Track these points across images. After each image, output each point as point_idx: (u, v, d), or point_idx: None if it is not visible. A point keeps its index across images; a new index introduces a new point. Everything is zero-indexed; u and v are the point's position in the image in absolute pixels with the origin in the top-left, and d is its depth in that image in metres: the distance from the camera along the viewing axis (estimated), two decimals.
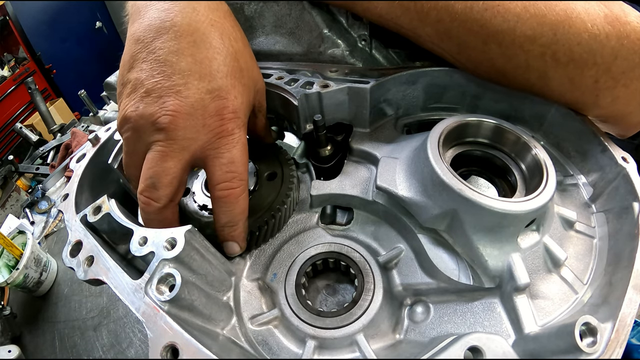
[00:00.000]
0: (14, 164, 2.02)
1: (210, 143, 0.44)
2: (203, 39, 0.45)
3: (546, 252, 0.44)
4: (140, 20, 0.46)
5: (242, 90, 0.47)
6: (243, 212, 0.47)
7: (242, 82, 0.47)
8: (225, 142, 0.45)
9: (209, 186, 0.46)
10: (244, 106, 0.47)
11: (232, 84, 0.46)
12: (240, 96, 0.46)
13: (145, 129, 0.43)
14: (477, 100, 0.58)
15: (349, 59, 0.68)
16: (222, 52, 0.46)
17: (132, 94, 0.43)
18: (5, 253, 1.23)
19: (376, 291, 0.46)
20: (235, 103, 0.45)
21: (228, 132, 0.45)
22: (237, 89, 0.46)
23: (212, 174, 0.45)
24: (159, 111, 0.42)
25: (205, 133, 0.43)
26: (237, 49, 0.48)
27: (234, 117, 0.45)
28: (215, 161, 0.45)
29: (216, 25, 0.47)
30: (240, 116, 0.46)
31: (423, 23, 0.51)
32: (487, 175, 0.52)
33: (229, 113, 0.45)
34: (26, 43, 3.61)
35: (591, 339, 0.33)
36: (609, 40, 0.46)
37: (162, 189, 0.43)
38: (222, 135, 0.44)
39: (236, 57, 0.47)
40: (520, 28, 0.46)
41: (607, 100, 0.51)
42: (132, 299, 0.38)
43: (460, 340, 0.33)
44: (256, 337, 0.45)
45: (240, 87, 0.47)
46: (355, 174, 0.55)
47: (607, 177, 0.49)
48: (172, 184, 0.44)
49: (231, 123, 0.45)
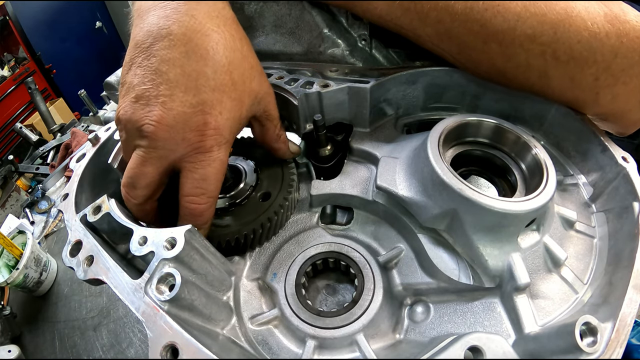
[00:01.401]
0: (14, 164, 2.02)
1: (188, 156, 0.44)
2: (195, 50, 0.44)
3: (546, 252, 0.44)
4: (142, 24, 0.46)
5: (231, 106, 0.46)
6: (205, 223, 0.48)
7: (231, 97, 0.46)
8: (202, 159, 0.45)
9: (179, 194, 0.46)
10: (230, 122, 0.46)
11: (219, 98, 0.45)
12: (227, 112, 0.46)
13: (132, 132, 0.44)
14: (477, 100, 0.58)
15: (349, 58, 0.68)
16: (213, 65, 0.45)
17: (125, 97, 0.45)
18: (5, 253, 1.23)
19: (376, 291, 0.46)
20: (219, 119, 0.45)
21: (206, 148, 0.44)
22: (224, 104, 0.45)
23: (183, 184, 0.46)
24: (144, 118, 0.42)
25: (184, 147, 0.44)
26: (232, 60, 0.47)
27: (215, 134, 0.44)
28: (188, 174, 0.45)
29: (212, 35, 0.46)
30: (223, 133, 0.45)
31: (423, 23, 0.51)
32: (487, 175, 0.52)
33: (210, 129, 0.44)
34: (26, 43, 3.61)
35: (591, 338, 0.33)
36: (609, 38, 0.47)
37: (140, 189, 0.45)
38: (200, 151, 0.44)
39: (229, 69, 0.46)
40: (520, 27, 0.46)
41: (607, 98, 0.51)
42: (132, 298, 0.38)
43: (461, 340, 0.33)
44: (256, 337, 0.45)
45: (228, 102, 0.46)
46: (355, 173, 0.55)
47: (607, 176, 0.49)
48: (149, 186, 0.45)
49: (211, 140, 0.44)
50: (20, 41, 3.61)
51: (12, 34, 3.60)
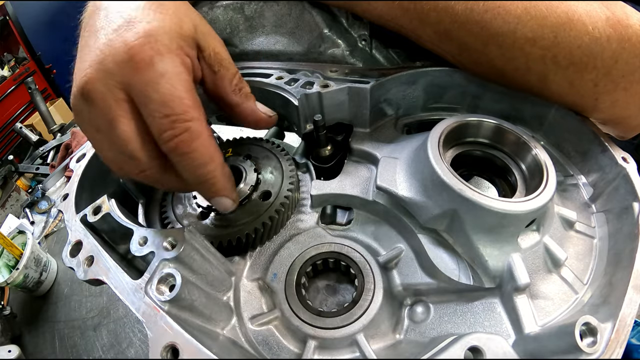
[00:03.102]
0: (14, 164, 2.03)
1: (135, 86, 0.37)
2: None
3: (546, 252, 0.44)
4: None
5: (162, 17, 0.40)
6: (210, 160, 0.40)
7: (160, 10, 0.40)
8: (148, 78, 0.36)
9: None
10: (166, 29, 0.39)
11: (143, 14, 0.39)
12: (158, 21, 0.39)
13: (78, 103, 0.40)
14: (478, 100, 0.58)
15: (349, 58, 0.68)
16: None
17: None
18: (5, 253, 1.23)
19: (376, 291, 0.46)
20: (149, 27, 0.38)
21: (145, 61, 0.36)
22: (152, 15, 0.39)
23: (149, 127, 0.38)
24: (78, 81, 0.38)
25: (123, 73, 0.37)
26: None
27: (148, 41, 0.37)
28: (145, 110, 0.37)
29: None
30: (159, 39, 0.38)
31: (423, 24, 0.50)
32: (488, 175, 0.52)
33: (140, 38, 0.37)
34: (26, 43, 3.61)
35: (591, 339, 0.33)
36: (610, 43, 0.46)
37: (135, 152, 0.39)
38: (140, 68, 0.36)
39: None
40: (520, 30, 0.46)
41: (606, 104, 0.51)
42: (132, 299, 0.38)
43: (461, 340, 0.33)
44: (256, 337, 0.45)
45: (157, 15, 0.40)
46: (355, 174, 0.55)
47: (607, 177, 0.49)
48: (138, 143, 0.39)
49: (146, 49, 0.36)
50: (20, 41, 3.60)
51: (12, 34, 3.60)
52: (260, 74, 0.65)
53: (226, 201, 0.45)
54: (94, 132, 0.40)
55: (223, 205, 0.45)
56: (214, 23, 0.70)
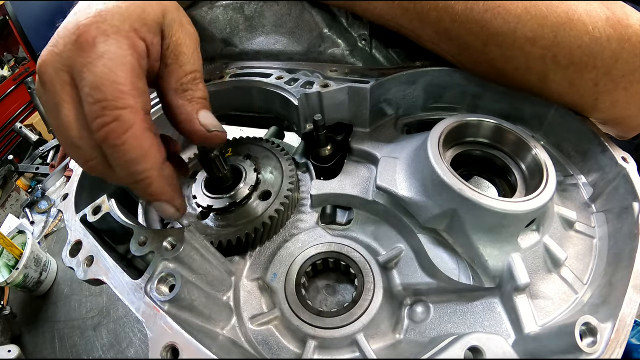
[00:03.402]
0: (14, 164, 2.03)
1: (76, 68, 0.35)
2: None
3: (546, 252, 0.44)
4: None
5: (121, 2, 0.38)
6: (143, 157, 0.35)
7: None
8: (87, 60, 0.34)
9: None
10: (116, 9, 0.37)
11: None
12: (116, 4, 0.37)
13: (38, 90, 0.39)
14: (478, 100, 0.58)
15: (349, 58, 0.68)
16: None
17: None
18: (5, 253, 1.23)
19: (376, 291, 0.46)
20: (102, 7, 0.36)
21: (88, 42, 0.34)
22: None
23: (86, 114, 0.35)
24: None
25: (66, 54, 0.35)
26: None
27: (95, 21, 0.35)
28: (82, 93, 0.35)
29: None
30: (107, 19, 0.35)
31: (423, 24, 0.50)
32: (488, 175, 0.52)
33: (89, 18, 0.35)
34: (26, 43, 3.60)
35: (591, 339, 0.33)
36: (610, 43, 0.46)
37: (78, 140, 0.37)
38: (82, 50, 0.34)
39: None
40: (521, 30, 0.46)
41: (607, 104, 0.51)
42: (132, 299, 0.38)
43: (461, 341, 0.33)
44: (256, 337, 0.45)
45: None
46: (355, 174, 0.55)
47: (607, 177, 0.49)
48: (77, 128, 0.37)
49: (92, 29, 0.34)
50: (20, 41, 3.60)
51: (12, 34, 3.60)
52: (260, 74, 0.65)
53: (166, 207, 0.40)
54: (49, 115, 0.38)
55: (163, 212, 0.40)
56: (214, 23, 0.70)
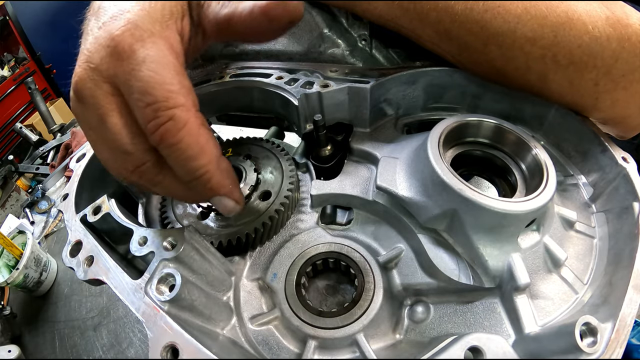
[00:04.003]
0: (14, 164, 2.03)
1: (119, 76, 0.36)
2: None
3: (546, 252, 0.44)
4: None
5: (147, 3, 0.38)
6: (201, 152, 0.36)
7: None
8: (131, 67, 0.35)
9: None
10: (151, 13, 0.38)
11: (130, 4, 0.38)
12: (141, 7, 0.38)
13: (74, 106, 0.40)
14: (478, 100, 0.58)
15: (349, 58, 0.68)
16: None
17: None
18: (5, 253, 1.23)
19: (376, 291, 0.46)
20: (130, 15, 0.37)
21: (125, 51, 0.35)
22: (138, 2, 0.38)
23: (138, 119, 0.36)
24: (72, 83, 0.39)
25: (105, 66, 0.36)
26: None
27: (127, 29, 0.36)
28: (130, 101, 0.36)
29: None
30: (139, 24, 0.36)
31: (423, 24, 0.50)
32: (488, 175, 0.52)
33: (121, 27, 0.36)
34: (26, 43, 3.61)
35: (591, 339, 0.33)
36: (610, 42, 0.46)
37: (128, 147, 0.38)
38: (122, 58, 0.35)
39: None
40: (520, 30, 0.46)
41: (607, 103, 0.51)
42: (132, 299, 0.38)
43: (461, 341, 0.33)
44: (256, 337, 0.45)
45: (143, 2, 0.38)
46: (355, 173, 0.55)
47: (607, 177, 0.49)
48: (130, 137, 0.38)
49: (126, 37, 0.35)
50: (20, 41, 3.61)
51: (12, 34, 3.61)
52: (260, 74, 0.65)
53: (227, 202, 0.41)
54: (89, 131, 0.39)
55: (224, 206, 0.41)
56: None
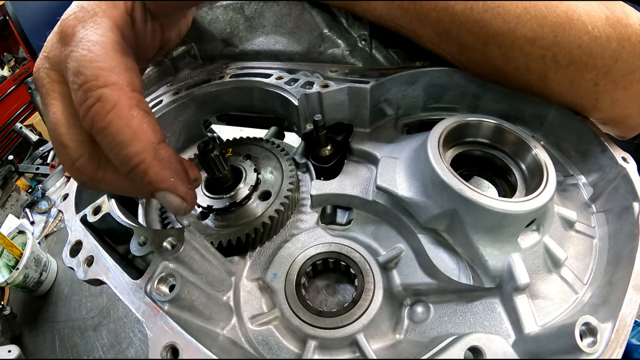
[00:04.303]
0: (14, 164, 2.03)
1: (62, 59, 0.35)
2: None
3: (546, 252, 0.44)
4: None
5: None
6: (134, 138, 0.32)
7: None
8: (69, 50, 0.34)
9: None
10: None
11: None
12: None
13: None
14: (478, 100, 0.58)
15: (349, 58, 0.68)
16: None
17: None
18: (5, 253, 1.23)
19: (376, 291, 0.46)
20: (80, 1, 0.36)
21: (69, 34, 0.34)
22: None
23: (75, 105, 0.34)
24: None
25: (50, 49, 0.36)
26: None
27: (74, 12, 0.35)
28: (69, 84, 0.34)
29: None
30: (86, 6, 0.36)
31: (423, 24, 0.50)
32: (488, 175, 0.52)
33: (70, 13, 0.35)
34: (26, 43, 3.60)
35: (591, 339, 0.33)
36: (610, 42, 0.46)
37: (66, 137, 0.35)
38: (65, 43, 0.34)
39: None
40: (520, 30, 0.46)
41: (607, 104, 0.51)
42: (132, 299, 0.38)
43: (461, 341, 0.33)
44: (256, 337, 0.45)
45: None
46: (355, 174, 0.55)
47: (607, 177, 0.49)
48: (68, 126, 0.35)
49: (70, 20, 0.35)
50: (20, 41, 3.60)
51: (12, 34, 3.59)
52: (260, 74, 0.65)
53: (170, 198, 0.35)
54: (45, 122, 0.38)
55: (169, 204, 0.35)
56: (213, 23, 0.70)
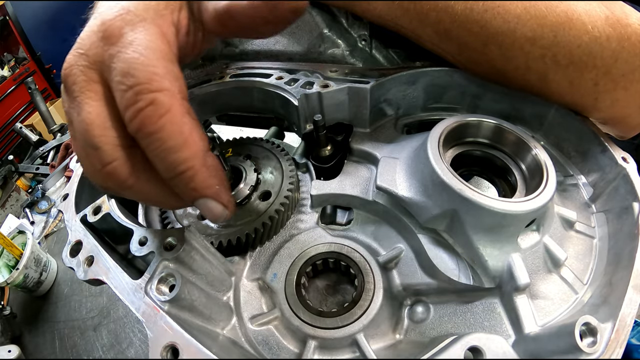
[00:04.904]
0: (14, 164, 2.03)
1: (106, 60, 0.34)
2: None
3: (546, 252, 0.44)
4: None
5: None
6: (184, 144, 0.32)
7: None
8: (117, 50, 0.33)
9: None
10: (146, 1, 0.36)
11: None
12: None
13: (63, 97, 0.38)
14: (478, 100, 0.58)
15: (349, 59, 0.68)
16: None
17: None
18: (5, 253, 1.23)
19: (376, 291, 0.46)
20: (125, 3, 0.36)
21: (115, 35, 0.34)
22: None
23: (118, 106, 0.33)
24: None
25: (94, 51, 0.34)
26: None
27: (120, 14, 0.34)
28: (112, 85, 0.33)
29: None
30: (134, 10, 0.35)
31: (423, 24, 0.50)
32: (488, 175, 0.52)
33: (113, 13, 0.35)
34: (26, 43, 3.61)
35: (591, 339, 0.33)
36: (610, 42, 0.46)
37: (100, 139, 0.34)
38: (110, 42, 0.34)
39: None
40: (520, 29, 0.46)
41: (606, 103, 0.51)
42: (132, 299, 0.38)
43: (461, 341, 0.33)
44: (256, 337, 0.45)
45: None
46: (355, 174, 0.55)
47: (607, 177, 0.49)
48: (107, 128, 0.34)
49: (117, 21, 0.34)
50: (20, 41, 3.61)
51: (12, 34, 3.60)
52: (260, 74, 0.65)
53: (213, 205, 0.35)
54: (70, 125, 0.36)
55: (210, 211, 0.36)
56: None
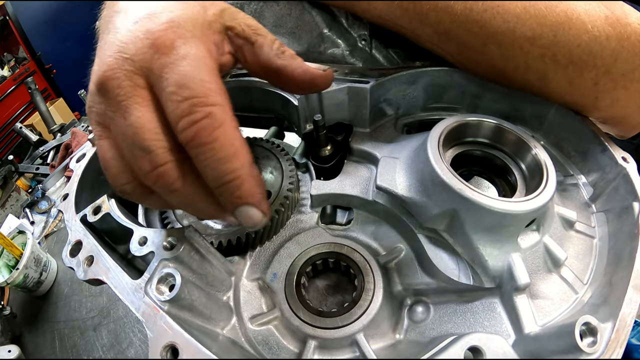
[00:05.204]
0: (14, 164, 2.03)
1: (156, 69, 0.34)
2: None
3: (546, 252, 0.44)
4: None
5: (185, 6, 0.38)
6: (235, 155, 0.34)
7: (183, 1, 0.39)
8: (170, 61, 0.34)
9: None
10: (188, 17, 0.37)
11: (166, 5, 0.38)
12: (179, 10, 0.38)
13: (93, 99, 0.38)
14: (477, 100, 0.58)
15: (349, 58, 0.68)
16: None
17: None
18: (5, 253, 1.23)
19: (376, 291, 0.46)
20: (171, 15, 0.37)
21: (166, 46, 0.34)
22: (176, 5, 0.38)
23: (167, 114, 0.34)
24: (93, 73, 0.37)
25: (143, 58, 0.35)
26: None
27: (171, 27, 0.36)
28: (163, 94, 0.34)
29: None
30: (182, 25, 0.36)
31: (422, 24, 0.50)
32: (488, 175, 0.52)
33: (162, 24, 0.35)
34: (26, 43, 3.61)
35: (591, 339, 0.33)
36: (609, 42, 0.46)
37: (153, 143, 0.35)
38: (162, 52, 0.34)
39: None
40: (520, 29, 0.46)
41: (606, 103, 0.51)
42: (132, 299, 0.38)
43: (460, 340, 0.33)
44: (256, 337, 0.45)
45: (180, 4, 0.38)
46: (355, 173, 0.55)
47: (607, 177, 0.49)
48: (157, 133, 0.35)
49: (168, 33, 0.35)
50: (20, 41, 3.61)
51: (12, 34, 3.61)
52: None
53: (254, 212, 0.37)
54: (101, 127, 0.37)
55: (250, 218, 0.37)
56: None
